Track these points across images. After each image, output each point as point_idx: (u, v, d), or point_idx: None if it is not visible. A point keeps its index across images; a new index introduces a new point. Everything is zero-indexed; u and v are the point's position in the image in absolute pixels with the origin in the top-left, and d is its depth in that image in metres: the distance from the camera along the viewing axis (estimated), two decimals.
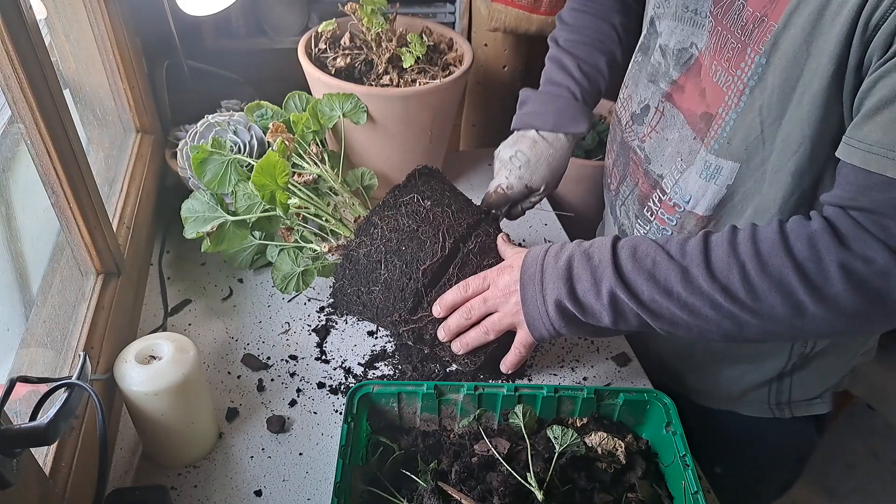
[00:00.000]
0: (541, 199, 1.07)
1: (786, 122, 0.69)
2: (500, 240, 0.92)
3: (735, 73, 0.72)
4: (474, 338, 0.86)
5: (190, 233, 0.99)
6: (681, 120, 0.81)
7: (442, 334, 0.88)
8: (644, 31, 0.90)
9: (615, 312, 0.73)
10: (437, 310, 0.87)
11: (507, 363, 0.88)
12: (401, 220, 0.90)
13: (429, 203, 0.92)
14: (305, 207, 0.97)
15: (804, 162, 0.71)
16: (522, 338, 0.85)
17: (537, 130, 1.02)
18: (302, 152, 1.02)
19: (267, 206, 0.95)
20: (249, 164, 1.02)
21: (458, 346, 0.88)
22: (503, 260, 0.89)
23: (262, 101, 1.10)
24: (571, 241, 1.21)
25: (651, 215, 0.88)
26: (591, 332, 0.80)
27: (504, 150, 1.04)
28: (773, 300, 0.66)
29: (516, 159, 1.01)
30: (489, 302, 0.83)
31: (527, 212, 1.08)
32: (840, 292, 0.64)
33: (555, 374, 0.98)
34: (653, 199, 0.87)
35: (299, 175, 0.99)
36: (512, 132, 1.06)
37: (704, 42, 0.78)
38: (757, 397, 0.98)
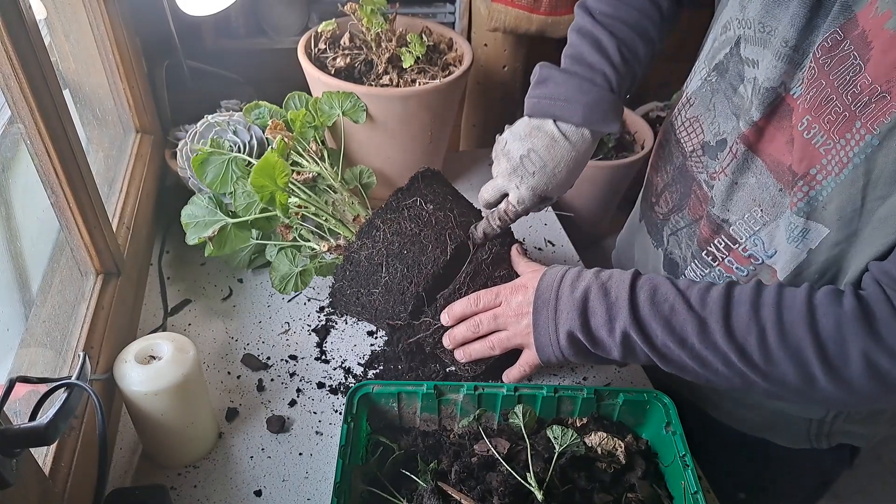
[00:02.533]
0: (547, 206, 0.94)
1: (889, 204, 0.61)
2: (514, 252, 0.89)
3: (838, 141, 0.63)
4: (479, 350, 0.85)
5: (192, 239, 0.99)
6: (759, 166, 0.73)
7: (447, 342, 0.88)
8: (714, 42, 0.78)
9: (625, 350, 0.71)
10: (446, 318, 0.86)
11: (510, 377, 0.87)
12: (403, 223, 0.90)
13: (431, 207, 0.91)
14: (305, 206, 0.97)
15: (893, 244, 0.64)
16: (529, 358, 0.82)
17: (556, 122, 0.84)
18: (301, 150, 1.02)
19: (265, 206, 0.95)
20: (250, 161, 1.02)
21: (461, 355, 0.87)
22: (515, 272, 0.87)
23: (260, 102, 1.10)
24: (572, 241, 1.22)
25: (714, 261, 0.80)
26: (597, 361, 0.77)
27: (513, 144, 0.86)
28: (786, 368, 0.64)
29: (529, 162, 0.85)
30: (499, 319, 0.81)
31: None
32: (856, 377, 0.61)
33: (555, 374, 0.98)
34: (715, 245, 0.80)
35: (298, 173, 0.99)
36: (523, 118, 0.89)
37: (801, 90, 0.67)
38: (794, 429, 0.92)
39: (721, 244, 0.79)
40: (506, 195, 0.90)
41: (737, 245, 0.78)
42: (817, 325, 0.63)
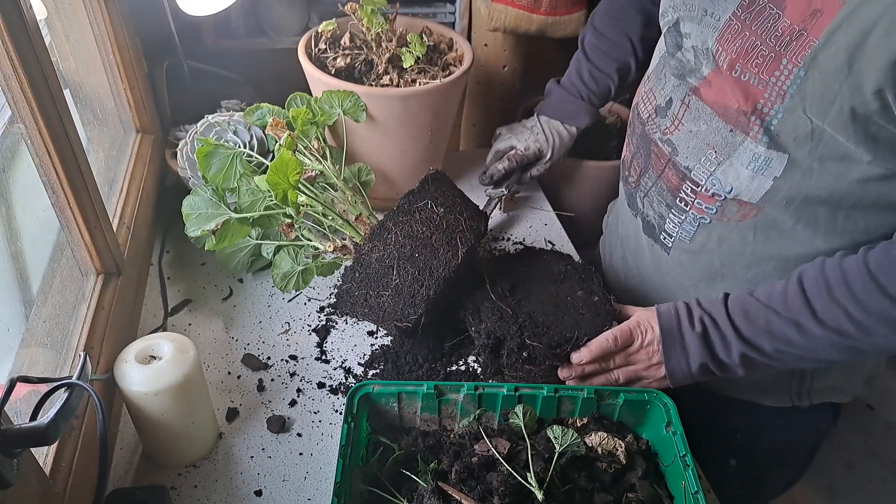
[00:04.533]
0: (544, 169, 1.27)
1: (828, 124, 0.73)
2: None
3: (769, 78, 0.75)
4: (600, 382, 0.88)
5: (192, 230, 0.98)
6: (708, 112, 0.85)
7: (567, 374, 0.88)
8: (665, 31, 0.93)
9: (746, 366, 0.82)
10: (584, 355, 0.85)
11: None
12: (415, 226, 0.90)
13: (442, 210, 0.92)
14: (310, 205, 0.97)
15: (850, 158, 0.74)
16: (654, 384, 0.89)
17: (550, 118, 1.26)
18: (303, 148, 1.02)
19: (271, 203, 0.95)
20: (257, 160, 1.01)
21: (575, 381, 0.89)
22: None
23: (261, 104, 1.10)
24: (572, 241, 1.24)
25: (686, 205, 0.91)
26: (722, 378, 0.86)
27: (524, 122, 1.28)
28: (884, 331, 0.73)
29: (536, 128, 1.25)
30: (631, 357, 0.86)
31: (529, 209, 1.11)
32: None
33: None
34: (684, 190, 0.90)
35: (301, 172, 0.99)
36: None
37: (714, 43, 0.82)
38: (778, 388, 1.01)
39: (688, 189, 0.90)
40: (513, 147, 1.26)
41: (699, 187, 0.88)
42: (885, 289, 0.71)
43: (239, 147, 1.04)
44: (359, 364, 0.98)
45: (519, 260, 1.00)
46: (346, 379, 0.95)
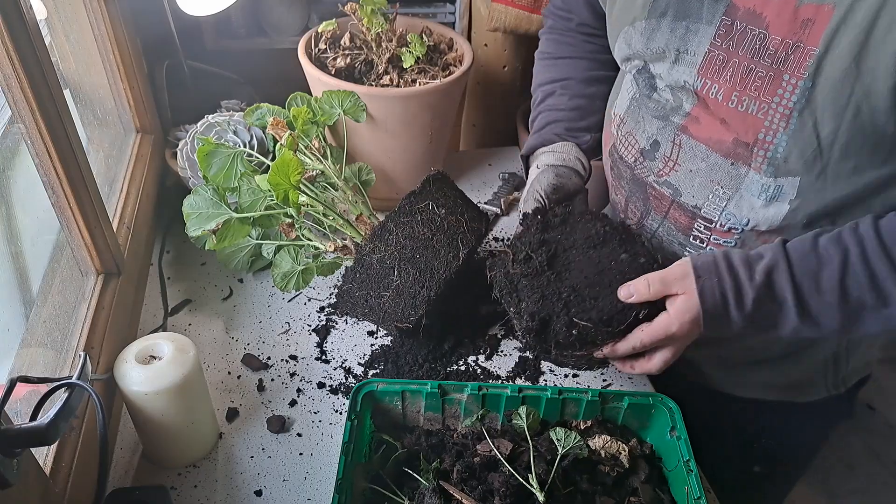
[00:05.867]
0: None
1: (842, 133, 0.71)
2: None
3: (771, 99, 0.73)
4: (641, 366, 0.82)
5: (193, 230, 0.98)
6: (703, 150, 0.83)
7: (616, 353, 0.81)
8: (632, 75, 0.89)
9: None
10: (636, 343, 0.79)
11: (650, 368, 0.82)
12: (416, 227, 0.90)
13: (443, 211, 0.92)
14: (312, 205, 0.97)
15: (864, 162, 0.73)
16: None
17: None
18: (304, 147, 1.02)
19: (271, 203, 0.95)
20: (258, 160, 1.01)
21: (627, 368, 0.83)
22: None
23: (261, 104, 1.10)
24: None
25: (702, 242, 0.87)
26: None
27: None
28: None
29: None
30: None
31: None
32: None
33: (555, 374, 0.98)
34: (697, 228, 0.87)
35: (303, 172, 0.99)
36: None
37: (694, 77, 0.79)
38: (814, 383, 0.97)
39: (701, 227, 0.87)
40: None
41: (713, 223, 0.85)
42: None
43: (239, 147, 1.04)
44: (359, 364, 0.98)
45: (551, 229, 0.89)
46: (347, 379, 0.95)
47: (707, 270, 0.75)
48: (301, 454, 0.86)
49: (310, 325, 1.03)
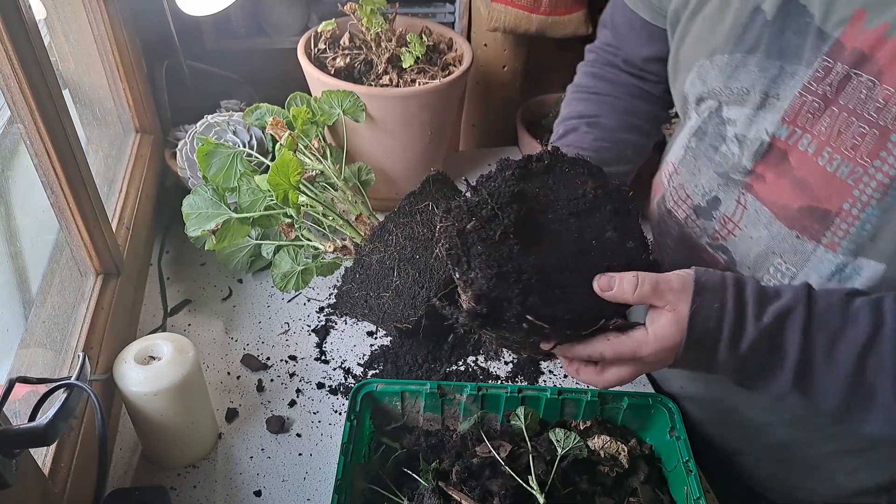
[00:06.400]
0: None
1: None
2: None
3: (871, 162, 0.60)
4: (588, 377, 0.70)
5: (192, 230, 0.98)
6: (767, 215, 0.70)
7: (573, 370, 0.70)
8: (703, 118, 0.77)
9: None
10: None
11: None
12: (416, 227, 0.90)
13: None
14: (312, 206, 0.97)
15: None
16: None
17: None
18: (303, 147, 1.02)
19: (271, 203, 0.95)
20: (258, 160, 1.01)
21: (572, 371, 0.70)
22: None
23: (260, 104, 1.10)
24: None
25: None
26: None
27: None
28: None
29: None
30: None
31: None
32: None
33: (554, 375, 0.98)
34: None
35: (303, 172, 0.99)
36: None
37: (777, 125, 0.67)
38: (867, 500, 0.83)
39: None
40: None
41: None
42: None
43: (239, 147, 1.04)
44: (358, 364, 0.97)
45: (531, 177, 0.68)
46: (346, 379, 0.95)
47: (710, 290, 0.62)
48: (300, 454, 0.86)
49: (309, 326, 1.03)
